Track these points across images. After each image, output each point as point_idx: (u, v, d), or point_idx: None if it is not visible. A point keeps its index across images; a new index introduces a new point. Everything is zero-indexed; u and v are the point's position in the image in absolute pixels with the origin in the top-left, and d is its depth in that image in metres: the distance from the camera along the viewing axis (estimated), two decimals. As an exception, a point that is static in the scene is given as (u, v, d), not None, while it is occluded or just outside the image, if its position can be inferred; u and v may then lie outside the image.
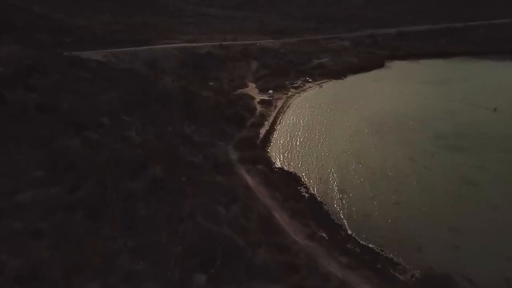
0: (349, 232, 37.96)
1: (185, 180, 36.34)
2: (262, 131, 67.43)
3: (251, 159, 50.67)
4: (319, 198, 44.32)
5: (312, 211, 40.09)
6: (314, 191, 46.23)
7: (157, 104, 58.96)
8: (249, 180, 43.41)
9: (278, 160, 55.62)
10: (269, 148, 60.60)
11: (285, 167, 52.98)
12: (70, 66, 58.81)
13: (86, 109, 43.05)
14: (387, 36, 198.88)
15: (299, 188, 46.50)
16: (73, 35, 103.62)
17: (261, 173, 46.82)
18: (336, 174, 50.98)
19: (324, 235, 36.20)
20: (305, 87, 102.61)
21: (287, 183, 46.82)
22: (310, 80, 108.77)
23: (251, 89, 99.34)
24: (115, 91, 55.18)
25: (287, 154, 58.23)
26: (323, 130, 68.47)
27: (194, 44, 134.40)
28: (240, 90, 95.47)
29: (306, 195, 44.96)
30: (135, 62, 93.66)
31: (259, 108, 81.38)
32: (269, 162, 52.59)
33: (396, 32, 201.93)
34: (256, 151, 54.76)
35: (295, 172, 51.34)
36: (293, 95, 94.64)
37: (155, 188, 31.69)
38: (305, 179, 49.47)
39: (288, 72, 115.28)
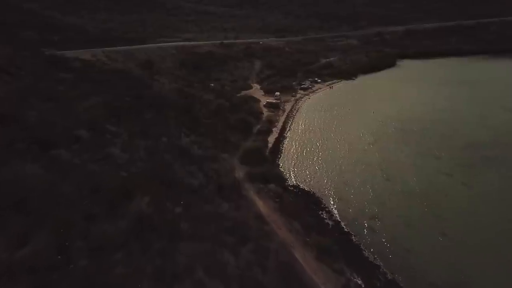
0: (390, 275, 29.85)
1: (180, 213, 28.26)
2: (271, 139, 59.55)
3: (260, 176, 42.66)
4: (346, 227, 36.20)
5: (341, 247, 31.99)
6: (338, 216, 38.11)
7: (150, 110, 50.91)
8: (261, 205, 35.36)
9: (291, 175, 47.53)
10: (280, 160, 52.55)
11: (301, 185, 44.89)
12: (48, 67, 50.86)
13: (60, 119, 35.03)
14: (395, 34, 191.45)
15: (320, 213, 38.41)
16: (63, 33, 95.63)
17: (274, 194, 38.76)
18: (361, 193, 42.90)
19: (360, 282, 28.15)
20: (314, 88, 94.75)
21: (305, 206, 38.76)
22: (319, 80, 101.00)
23: (256, 90, 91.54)
24: (101, 95, 47.15)
25: (301, 167, 50.17)
26: (339, 138, 60.41)
27: (194, 43, 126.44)
28: (243, 92, 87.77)
29: (330, 222, 36.84)
30: (129, 62, 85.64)
31: (265, 112, 73.64)
32: (281, 179, 44.54)
33: (404, 30, 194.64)
34: (265, 165, 46.73)
35: (313, 191, 43.27)
36: (301, 97, 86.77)
37: (140, 230, 23.71)
38: (325, 200, 41.37)
39: (295, 72, 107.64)
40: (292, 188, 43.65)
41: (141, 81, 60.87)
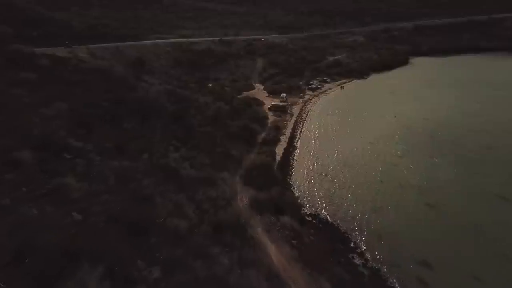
0: None
1: (157, 281, 18.70)
2: (279, 150, 50.03)
3: (270, 204, 33.22)
4: (388, 279, 26.69)
5: (389, 318, 22.39)
6: (375, 261, 28.56)
7: (132, 118, 41.37)
8: (274, 253, 25.83)
9: (307, 200, 37.89)
10: (292, 178, 42.89)
11: (321, 213, 35.31)
12: (8, 65, 41.36)
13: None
14: (403, 30, 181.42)
15: (351, 257, 28.86)
16: (44, 28, 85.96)
17: (289, 233, 29.30)
18: (399, 224, 33.32)
19: None
20: (323, 89, 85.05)
21: (331, 248, 29.25)
22: (328, 80, 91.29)
23: (259, 91, 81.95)
24: (68, 100, 37.58)
25: (318, 187, 40.58)
26: (360, 149, 50.77)
27: (191, 40, 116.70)
28: (245, 93, 78.17)
29: (366, 272, 27.29)
30: (116, 60, 75.94)
31: (271, 116, 64.04)
32: (296, 207, 34.98)
33: (413, 26, 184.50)
34: (275, 187, 37.08)
35: (337, 222, 33.72)
36: (311, 99, 77.10)
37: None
38: (354, 236, 31.86)
39: (301, 71, 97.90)
40: (310, 219, 34.05)
41: (124, 81, 51.23)
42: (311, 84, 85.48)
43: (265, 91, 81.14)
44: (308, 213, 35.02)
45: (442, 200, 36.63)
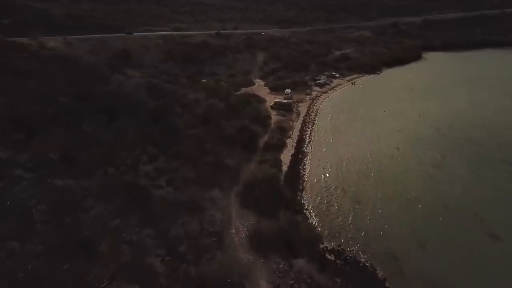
0: None
1: None
2: (285, 157, 40.46)
3: (278, 238, 23.70)
4: None
5: None
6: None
7: (97, 118, 31.82)
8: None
9: (326, 228, 28.27)
10: (303, 196, 33.22)
11: (346, 250, 25.66)
12: None
13: None
14: (412, 25, 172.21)
15: (400, 326, 19.25)
16: (17, 17, 76.34)
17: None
18: (461, 269, 23.72)
19: None
20: (332, 85, 75.49)
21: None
22: (337, 75, 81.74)
23: (259, 87, 72.42)
24: (10, 94, 28.10)
25: (337, 210, 31.03)
26: (386, 155, 41.19)
27: (185, 33, 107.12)
28: (244, 89, 68.64)
29: None
30: (97, 52, 66.44)
31: (274, 116, 54.50)
32: (314, 242, 25.35)
33: (422, 21, 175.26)
34: (284, 210, 27.60)
35: (370, 265, 24.11)
36: (319, 96, 67.53)
37: None
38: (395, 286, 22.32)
39: (306, 65, 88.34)
40: (333, 257, 24.45)
41: (95, 73, 41.64)
42: (318, 80, 75.98)
43: (267, 87, 71.68)
44: (329, 248, 25.43)
45: (510, 229, 27.11)
